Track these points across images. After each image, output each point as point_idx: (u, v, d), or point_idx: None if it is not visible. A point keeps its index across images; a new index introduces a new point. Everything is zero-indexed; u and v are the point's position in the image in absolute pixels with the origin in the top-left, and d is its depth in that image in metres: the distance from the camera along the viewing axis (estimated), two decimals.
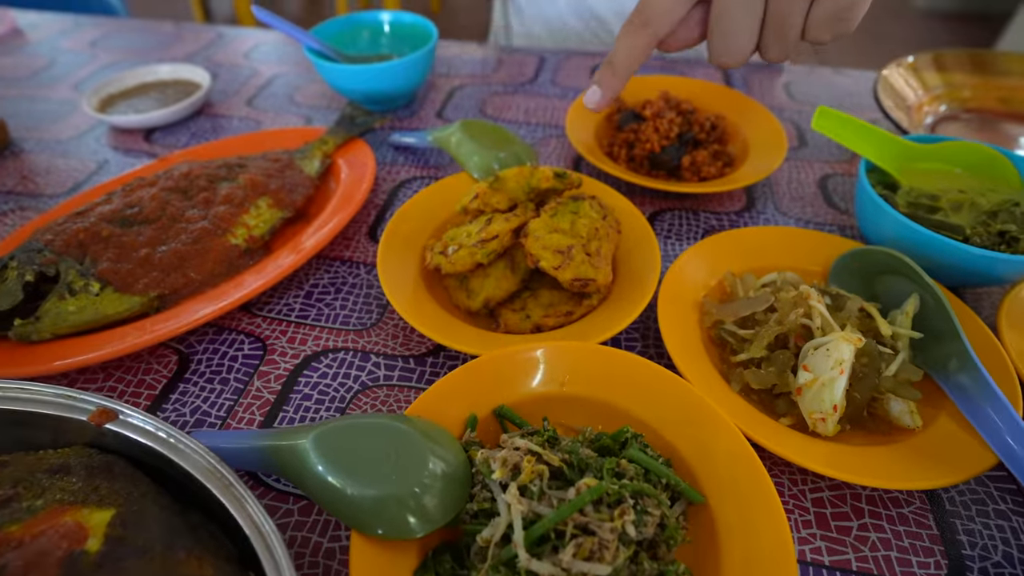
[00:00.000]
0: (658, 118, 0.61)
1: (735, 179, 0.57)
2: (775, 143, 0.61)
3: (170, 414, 0.41)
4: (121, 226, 0.48)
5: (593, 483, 0.30)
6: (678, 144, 0.60)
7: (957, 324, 0.39)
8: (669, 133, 0.60)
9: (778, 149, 0.60)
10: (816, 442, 0.37)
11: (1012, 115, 0.70)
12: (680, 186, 0.56)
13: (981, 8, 3.19)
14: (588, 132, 0.63)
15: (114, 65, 0.87)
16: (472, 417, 0.37)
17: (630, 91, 0.69)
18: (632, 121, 0.63)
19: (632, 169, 0.61)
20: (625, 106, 0.66)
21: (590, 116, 0.65)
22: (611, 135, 0.65)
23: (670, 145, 0.60)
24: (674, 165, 0.59)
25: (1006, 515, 0.36)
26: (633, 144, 0.61)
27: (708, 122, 0.62)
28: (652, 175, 0.61)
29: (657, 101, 0.64)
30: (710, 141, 0.62)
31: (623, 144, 0.62)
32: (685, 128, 0.61)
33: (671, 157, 0.59)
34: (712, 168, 0.59)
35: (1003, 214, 0.47)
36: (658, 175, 0.61)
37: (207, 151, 0.63)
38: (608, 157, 0.62)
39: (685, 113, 0.63)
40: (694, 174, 0.59)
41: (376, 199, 0.60)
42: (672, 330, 0.42)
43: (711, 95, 0.69)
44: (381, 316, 0.48)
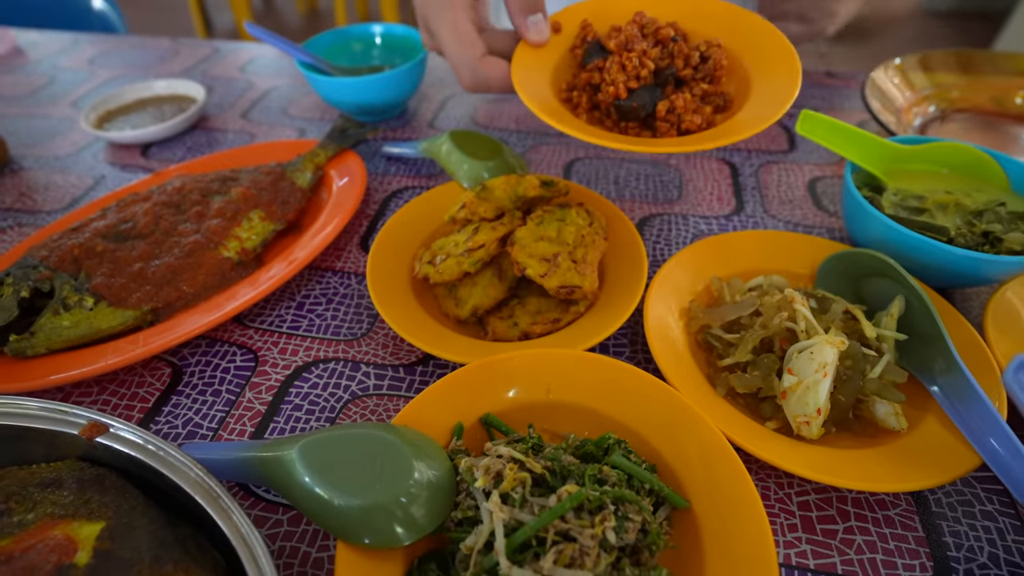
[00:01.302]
0: (625, 52, 0.47)
1: (723, 133, 0.44)
2: (783, 76, 0.46)
3: (163, 426, 0.42)
4: (115, 241, 0.49)
5: (574, 490, 0.30)
6: (653, 85, 0.48)
7: (941, 326, 0.40)
8: (640, 72, 0.47)
9: (787, 85, 0.45)
10: (801, 445, 0.37)
11: (1003, 114, 0.70)
12: (646, 143, 0.43)
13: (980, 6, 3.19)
14: (542, 74, 0.50)
15: (112, 81, 0.89)
16: (458, 425, 0.37)
17: (601, 12, 0.54)
18: (597, 55, 0.49)
19: (597, 120, 0.50)
20: (592, 34, 0.52)
21: (545, 54, 0.52)
22: (575, 74, 0.52)
23: (642, 87, 0.47)
24: (647, 114, 0.47)
25: (992, 516, 0.36)
26: (598, 87, 0.49)
27: (696, 53, 0.48)
28: (620, 128, 0.49)
29: (628, 27, 0.49)
30: (697, 79, 0.49)
31: (585, 87, 0.50)
32: (664, 62, 0.48)
33: (643, 103, 0.47)
34: (697, 117, 0.46)
35: (988, 214, 0.47)
36: (628, 127, 0.49)
37: (201, 165, 0.63)
38: (567, 104, 0.50)
39: (664, 42, 0.49)
40: (672, 126, 0.47)
41: (368, 209, 0.61)
42: (659, 336, 0.43)
43: (706, 15, 0.53)
44: (372, 326, 0.49)
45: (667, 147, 0.42)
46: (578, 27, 0.52)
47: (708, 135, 0.44)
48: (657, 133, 0.47)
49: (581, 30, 0.52)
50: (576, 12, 0.53)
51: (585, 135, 0.43)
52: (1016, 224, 0.45)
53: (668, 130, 0.47)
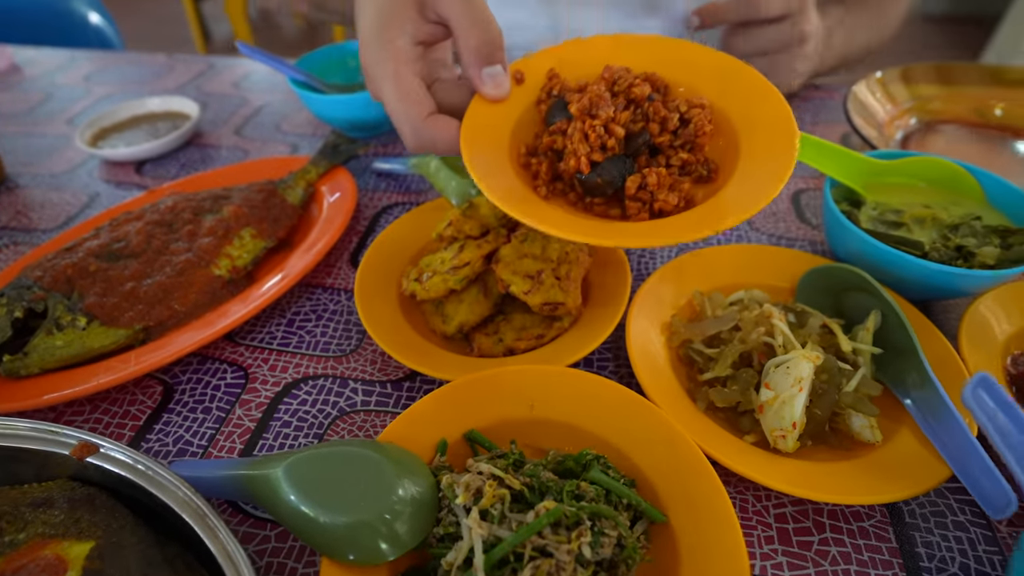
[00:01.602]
0: (588, 119, 0.39)
1: (702, 220, 0.36)
2: (777, 142, 0.38)
3: (154, 444, 0.42)
4: (108, 260, 0.50)
5: (551, 506, 0.31)
6: (623, 155, 0.40)
7: (915, 340, 0.40)
8: (606, 142, 0.39)
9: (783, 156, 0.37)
10: (778, 459, 0.38)
11: (985, 125, 0.71)
12: (609, 235, 0.35)
13: (972, 10, 3.22)
14: (499, 135, 0.42)
15: (108, 98, 0.90)
16: (442, 442, 0.38)
17: (572, 58, 0.45)
18: (561, 115, 0.41)
19: (560, 192, 0.42)
20: (559, 87, 0.43)
21: (504, 110, 0.43)
22: (538, 135, 0.43)
23: (609, 158, 0.39)
24: (616, 189, 0.40)
25: (964, 527, 0.36)
26: (562, 153, 0.41)
27: (675, 115, 0.40)
28: (586, 203, 0.41)
29: (595, 86, 0.41)
30: (676, 146, 0.41)
31: (547, 152, 0.42)
32: (638, 125, 0.40)
33: (610, 179, 0.39)
34: (673, 196, 0.38)
35: (964, 228, 0.48)
36: (594, 203, 0.41)
37: (194, 183, 0.64)
38: (526, 171, 0.42)
39: (638, 102, 0.41)
40: (645, 205, 0.39)
41: (358, 225, 0.62)
42: (641, 351, 0.43)
43: (690, 63, 0.44)
44: (360, 342, 0.50)
45: (633, 241, 0.35)
46: (544, 77, 0.44)
47: (685, 222, 0.36)
48: (627, 212, 0.39)
49: (547, 81, 0.44)
50: (543, 59, 0.45)
51: (536, 221, 0.35)
52: (990, 238, 0.46)
53: (639, 211, 0.39)
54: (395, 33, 0.41)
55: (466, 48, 0.40)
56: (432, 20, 0.41)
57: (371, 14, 0.42)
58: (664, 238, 0.35)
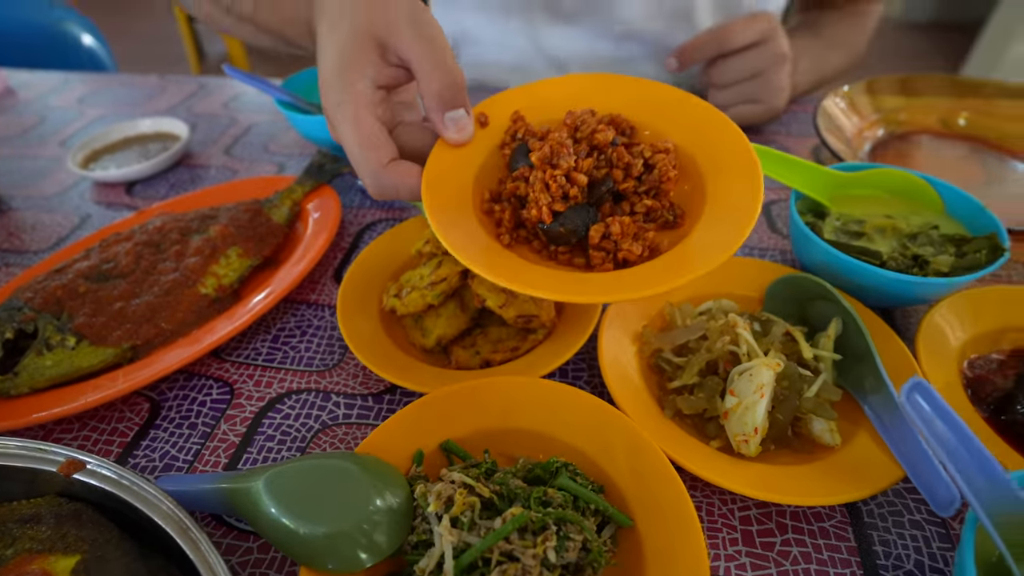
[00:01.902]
0: (549, 167, 0.39)
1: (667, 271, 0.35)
2: (744, 191, 0.37)
3: (141, 460, 0.44)
4: (97, 281, 0.52)
5: (517, 512, 0.32)
6: (586, 204, 0.39)
7: (871, 346, 0.42)
8: (568, 191, 0.38)
9: (748, 203, 0.36)
10: (742, 463, 0.39)
11: (950, 135, 0.73)
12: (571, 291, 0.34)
13: (956, 17, 3.28)
14: (462, 181, 0.41)
15: (101, 119, 0.92)
16: (418, 452, 0.39)
17: (538, 100, 0.45)
18: (524, 161, 0.40)
19: (524, 240, 0.41)
20: (524, 130, 0.43)
21: (468, 154, 0.42)
22: (501, 181, 0.43)
23: (572, 207, 0.39)
24: (579, 238, 0.39)
25: (920, 525, 0.38)
26: (526, 199, 0.40)
27: (639, 161, 0.40)
28: (550, 251, 0.40)
29: (556, 133, 0.41)
30: (640, 192, 0.41)
31: (510, 199, 0.41)
32: (602, 171, 0.40)
33: (573, 228, 0.38)
34: (637, 245, 0.38)
35: (922, 237, 0.50)
36: (558, 251, 0.40)
37: (182, 203, 0.66)
38: (489, 217, 0.41)
39: (600, 148, 0.41)
40: (608, 254, 0.38)
41: (342, 242, 0.64)
42: (612, 361, 0.45)
43: (656, 104, 0.44)
44: (343, 357, 0.51)
45: (594, 296, 0.34)
46: (508, 119, 0.44)
47: (649, 273, 0.35)
48: (590, 262, 0.39)
49: (512, 124, 0.43)
50: (507, 100, 0.45)
51: (496, 275, 0.34)
52: (946, 247, 0.48)
53: (603, 260, 0.38)
54: (355, 76, 0.40)
55: (428, 92, 0.39)
56: (394, 63, 0.41)
57: (332, 56, 0.41)
58: (626, 292, 0.34)
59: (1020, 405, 0.41)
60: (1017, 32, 2.48)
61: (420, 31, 0.39)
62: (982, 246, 0.47)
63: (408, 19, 0.39)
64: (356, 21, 0.40)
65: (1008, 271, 0.56)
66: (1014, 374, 0.43)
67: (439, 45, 0.39)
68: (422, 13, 0.40)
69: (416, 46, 0.39)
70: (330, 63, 0.41)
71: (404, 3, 0.40)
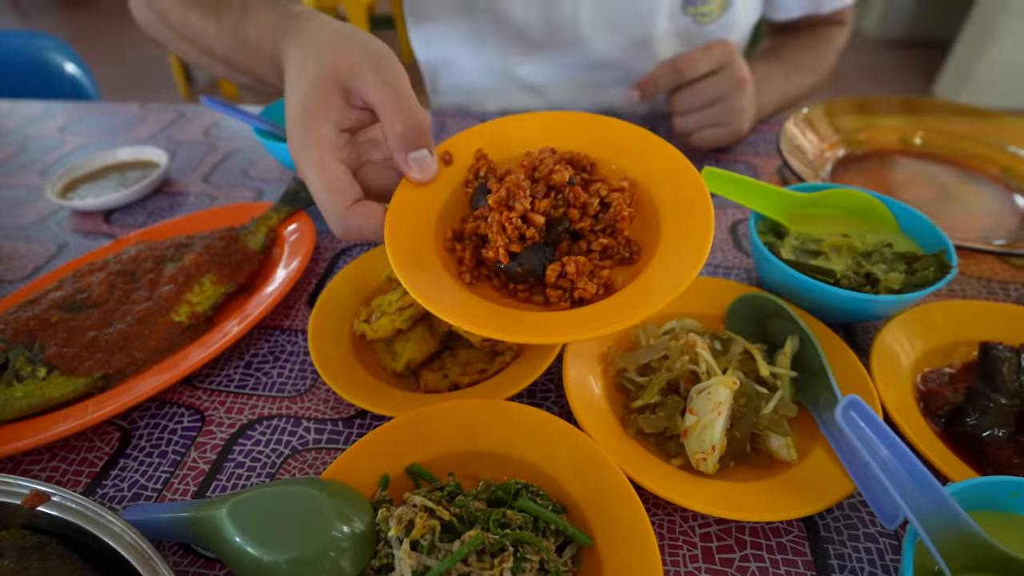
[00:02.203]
0: (506, 209, 0.40)
1: (622, 310, 0.36)
2: (697, 227, 0.39)
3: (110, 489, 0.44)
4: (70, 311, 0.52)
5: (475, 534, 0.33)
6: (543, 244, 0.40)
7: (825, 362, 0.43)
8: (524, 232, 0.40)
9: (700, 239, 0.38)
10: (702, 481, 0.40)
11: (908, 153, 0.76)
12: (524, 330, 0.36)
13: (927, 34, 3.37)
14: (425, 220, 0.42)
15: (82, 148, 0.93)
16: (383, 477, 0.40)
17: (501, 138, 0.46)
18: (485, 199, 0.41)
19: (485, 278, 0.42)
20: (486, 168, 0.44)
21: (432, 193, 0.43)
22: (464, 219, 0.43)
23: (529, 247, 0.40)
24: (538, 277, 0.40)
25: (874, 537, 0.39)
26: (485, 239, 0.41)
27: (595, 200, 0.41)
28: (510, 289, 0.41)
29: (514, 174, 0.42)
30: (596, 230, 0.42)
31: (471, 237, 0.42)
32: (559, 210, 0.41)
33: (531, 267, 0.39)
34: (592, 284, 0.39)
35: (876, 255, 0.52)
36: (518, 290, 0.41)
37: (159, 231, 0.67)
38: (452, 256, 0.42)
39: (557, 188, 0.42)
40: (565, 292, 0.39)
41: (317, 267, 0.65)
42: (576, 381, 0.46)
43: (614, 141, 0.46)
44: (315, 382, 0.52)
45: (550, 337, 0.35)
46: (472, 157, 0.45)
47: (604, 312, 0.37)
48: (548, 300, 0.40)
49: (475, 162, 0.44)
50: (471, 138, 0.46)
51: (454, 317, 0.35)
52: (897, 264, 0.50)
53: (560, 299, 0.39)
54: (320, 122, 0.40)
55: (392, 133, 0.40)
56: (358, 106, 0.42)
57: (297, 101, 0.42)
58: (582, 332, 0.35)
59: (969, 418, 0.42)
60: (985, 47, 2.56)
61: (384, 76, 0.40)
62: (931, 263, 0.49)
63: (372, 64, 0.41)
64: (321, 65, 0.41)
65: (962, 286, 0.58)
66: (964, 387, 0.44)
67: (403, 89, 0.41)
68: (386, 58, 0.41)
69: (380, 90, 0.40)
70: (295, 109, 0.42)
71: (368, 48, 0.41)
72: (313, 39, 0.43)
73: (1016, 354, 0.44)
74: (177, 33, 0.61)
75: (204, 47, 0.58)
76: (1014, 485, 0.33)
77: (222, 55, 0.56)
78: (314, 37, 0.43)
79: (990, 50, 2.55)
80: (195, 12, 0.58)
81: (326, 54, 0.41)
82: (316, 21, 0.46)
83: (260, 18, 0.50)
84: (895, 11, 3.37)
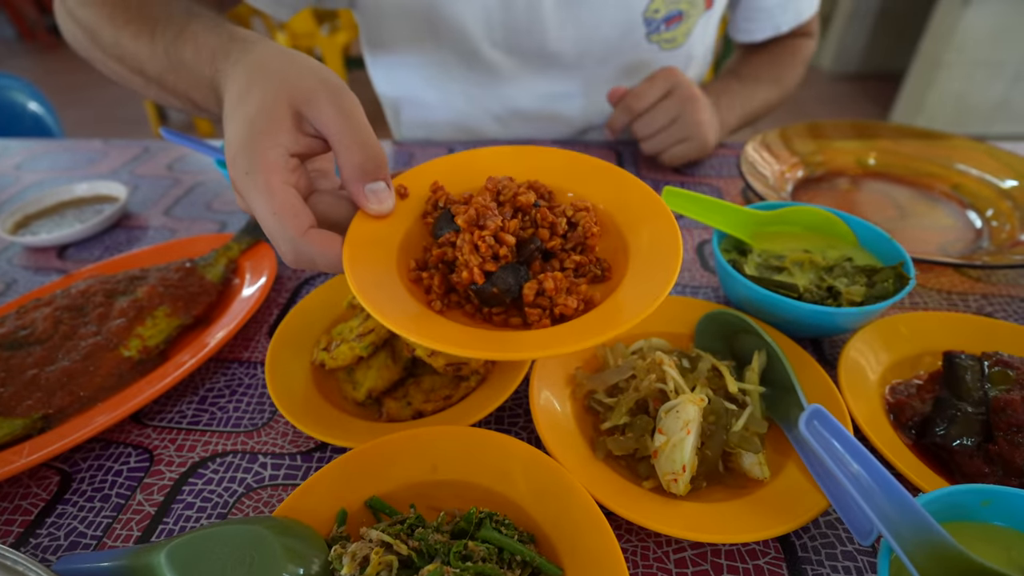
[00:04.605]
0: (477, 230, 0.39)
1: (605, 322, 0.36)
2: (665, 243, 0.39)
3: (44, 539, 0.41)
4: (9, 349, 0.49)
5: (433, 568, 0.31)
6: (516, 264, 0.40)
7: (793, 377, 0.43)
8: (497, 251, 0.39)
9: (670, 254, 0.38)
10: (674, 503, 0.39)
11: (865, 174, 0.78)
12: (508, 346, 0.34)
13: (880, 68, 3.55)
14: (386, 251, 0.40)
15: (37, 185, 0.90)
16: (341, 512, 0.38)
17: (456, 171, 0.46)
18: (449, 227, 0.41)
19: (456, 304, 0.40)
20: (444, 199, 0.43)
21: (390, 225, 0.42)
22: (427, 249, 0.42)
23: (503, 267, 0.39)
24: (513, 298, 0.39)
25: (852, 555, 0.38)
26: (454, 264, 0.40)
27: (563, 219, 0.41)
28: (483, 313, 0.40)
29: (479, 196, 0.41)
30: (567, 249, 0.42)
31: (438, 265, 0.41)
32: (528, 231, 0.41)
33: (507, 287, 0.38)
34: (572, 299, 0.38)
35: (837, 269, 0.52)
36: (493, 313, 0.40)
37: (115, 265, 0.65)
38: (418, 286, 0.40)
39: (525, 210, 0.42)
40: (545, 311, 0.38)
41: (279, 298, 0.63)
42: (544, 405, 0.45)
43: (568, 171, 0.46)
44: (273, 415, 0.49)
45: (543, 351, 0.34)
46: (428, 190, 0.44)
47: (588, 325, 0.36)
48: (527, 320, 0.39)
49: (432, 194, 0.44)
50: (425, 172, 0.46)
51: (431, 339, 0.33)
52: (858, 278, 0.50)
53: (540, 317, 0.38)
54: (267, 145, 0.37)
55: (349, 163, 0.38)
56: (309, 133, 0.39)
57: (241, 125, 0.38)
58: (562, 347, 0.34)
59: (939, 428, 0.42)
60: (933, 79, 2.70)
61: (340, 104, 0.38)
62: (889, 276, 0.49)
63: (326, 91, 0.38)
64: (268, 90, 0.39)
65: (923, 299, 0.58)
66: (931, 397, 0.44)
67: (360, 120, 0.39)
68: (342, 87, 0.39)
69: (336, 118, 0.38)
70: (239, 133, 0.38)
71: (322, 75, 0.39)
72: (259, 63, 0.41)
73: (979, 362, 0.44)
74: (106, 52, 0.58)
75: (136, 67, 0.55)
76: (985, 493, 0.32)
77: (155, 76, 0.53)
78: (260, 60, 0.41)
79: (938, 81, 2.70)
80: (127, 32, 0.54)
81: (274, 77, 0.39)
82: (262, 45, 0.43)
83: (200, 40, 0.47)
84: (849, 46, 3.56)
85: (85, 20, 0.59)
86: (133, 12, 0.55)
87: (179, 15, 0.52)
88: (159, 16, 0.53)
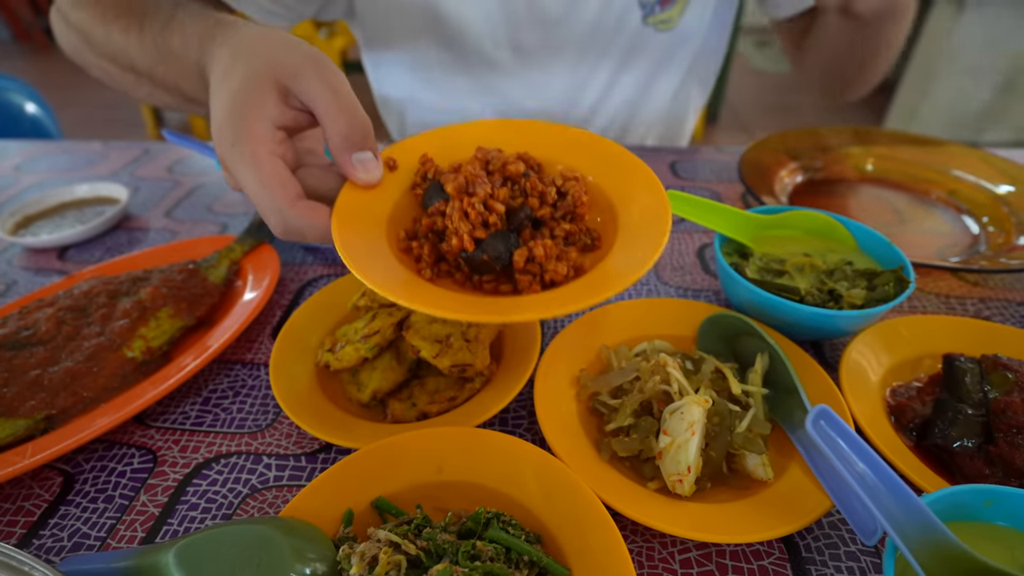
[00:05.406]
0: (467, 196, 0.39)
1: (595, 286, 0.36)
2: (650, 204, 0.40)
3: (47, 540, 0.40)
4: (12, 349, 0.49)
5: (443, 567, 0.31)
6: (507, 231, 0.40)
7: (796, 379, 0.43)
8: (487, 218, 0.39)
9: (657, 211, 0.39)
10: (679, 504, 0.39)
11: (863, 179, 0.79)
12: (509, 310, 0.35)
13: None
14: (375, 222, 0.40)
15: (37, 186, 0.90)
16: (347, 512, 0.38)
17: (445, 143, 0.46)
18: (438, 197, 0.41)
19: (446, 273, 0.41)
20: (433, 170, 0.43)
21: (378, 196, 0.42)
22: (416, 219, 0.43)
23: (493, 235, 0.39)
24: (504, 265, 0.39)
25: (855, 556, 0.38)
26: (443, 234, 0.40)
27: (552, 188, 0.42)
28: (474, 281, 0.41)
29: (469, 165, 0.42)
30: (557, 218, 0.42)
31: (428, 235, 0.41)
32: (517, 201, 0.41)
33: (497, 254, 0.38)
34: (562, 265, 0.39)
35: (837, 273, 0.53)
36: (483, 281, 0.40)
37: (116, 267, 0.65)
38: (408, 256, 0.41)
39: (515, 179, 0.42)
40: (535, 277, 0.39)
41: (282, 299, 0.63)
42: (548, 406, 0.45)
43: (556, 143, 0.47)
44: (277, 416, 0.49)
45: (533, 313, 0.34)
46: (417, 163, 0.44)
47: (579, 289, 0.36)
48: (518, 287, 0.39)
49: (421, 166, 0.44)
50: (415, 145, 0.45)
51: (421, 304, 0.33)
52: (858, 281, 0.51)
53: (530, 283, 0.38)
54: (253, 117, 0.37)
55: (335, 134, 0.38)
56: (295, 107, 0.39)
57: (225, 100, 0.38)
58: (556, 309, 0.34)
59: (939, 429, 0.42)
60: (927, 89, 2.73)
61: (325, 76, 0.38)
62: (890, 279, 0.50)
63: (312, 65, 0.38)
64: (253, 65, 0.39)
65: (923, 303, 0.59)
66: (931, 399, 0.45)
67: (345, 91, 0.39)
68: (326, 60, 0.39)
69: (323, 91, 0.38)
70: (224, 106, 0.38)
71: (306, 50, 0.39)
72: (243, 41, 0.41)
73: (978, 365, 0.44)
74: (99, 52, 0.59)
75: (126, 63, 0.55)
76: (987, 493, 0.32)
77: (145, 70, 0.53)
78: (246, 40, 0.41)
79: (932, 91, 2.72)
80: (117, 26, 0.55)
81: (259, 53, 0.39)
82: (246, 26, 0.43)
83: (187, 28, 0.48)
84: None
85: (78, 23, 0.60)
86: (122, 7, 0.56)
87: (166, 7, 0.52)
88: (147, 9, 0.54)
